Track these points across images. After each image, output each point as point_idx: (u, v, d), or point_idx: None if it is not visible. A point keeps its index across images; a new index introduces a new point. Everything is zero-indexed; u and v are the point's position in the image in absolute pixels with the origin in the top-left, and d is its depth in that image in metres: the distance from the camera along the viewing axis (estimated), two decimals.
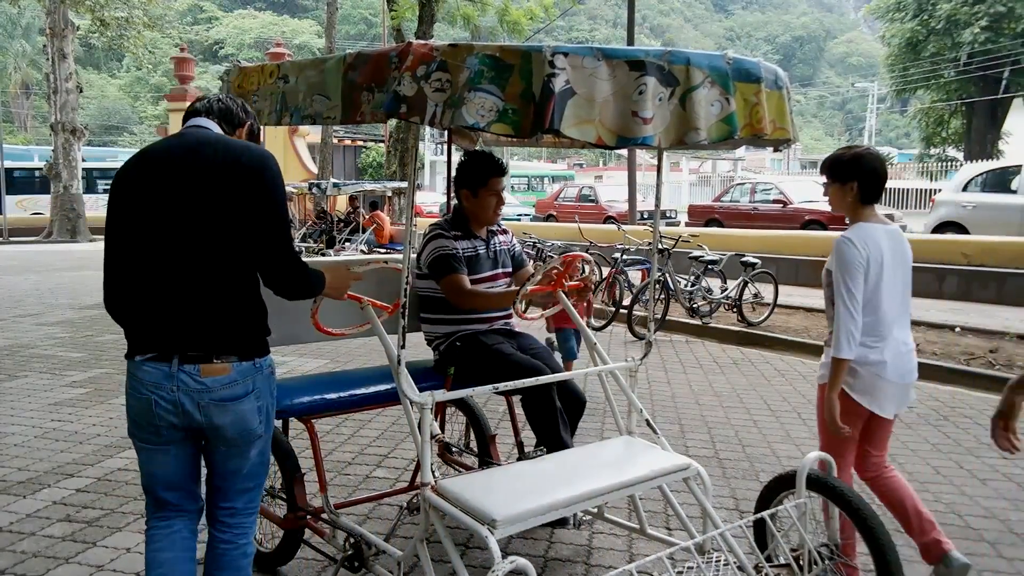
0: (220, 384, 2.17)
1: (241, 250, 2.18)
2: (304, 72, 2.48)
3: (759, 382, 6.57)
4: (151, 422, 2.20)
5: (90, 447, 4.69)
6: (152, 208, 2.15)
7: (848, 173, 2.84)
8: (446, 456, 3.85)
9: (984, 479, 4.29)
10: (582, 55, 2.02)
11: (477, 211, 3.45)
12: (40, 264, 16.83)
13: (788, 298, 9.68)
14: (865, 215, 2.88)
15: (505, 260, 3.57)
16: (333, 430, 5.02)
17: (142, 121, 59.69)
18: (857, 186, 2.83)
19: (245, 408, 2.22)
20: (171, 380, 2.16)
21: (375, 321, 2.77)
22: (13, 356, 7.33)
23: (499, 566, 2.00)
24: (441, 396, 2.60)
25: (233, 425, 2.21)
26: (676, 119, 2.16)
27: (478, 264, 3.44)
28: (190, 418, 2.18)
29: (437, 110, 2.04)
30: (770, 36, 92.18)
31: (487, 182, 3.39)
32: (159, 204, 2.16)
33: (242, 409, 2.21)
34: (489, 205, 3.43)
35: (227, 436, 2.23)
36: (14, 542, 3.40)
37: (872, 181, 2.82)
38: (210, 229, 2.15)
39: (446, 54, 2.04)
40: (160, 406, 2.17)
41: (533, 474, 2.65)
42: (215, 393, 2.17)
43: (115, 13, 26.18)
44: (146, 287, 2.18)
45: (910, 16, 30.70)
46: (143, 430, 2.24)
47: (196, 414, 2.17)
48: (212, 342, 2.17)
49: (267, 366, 2.28)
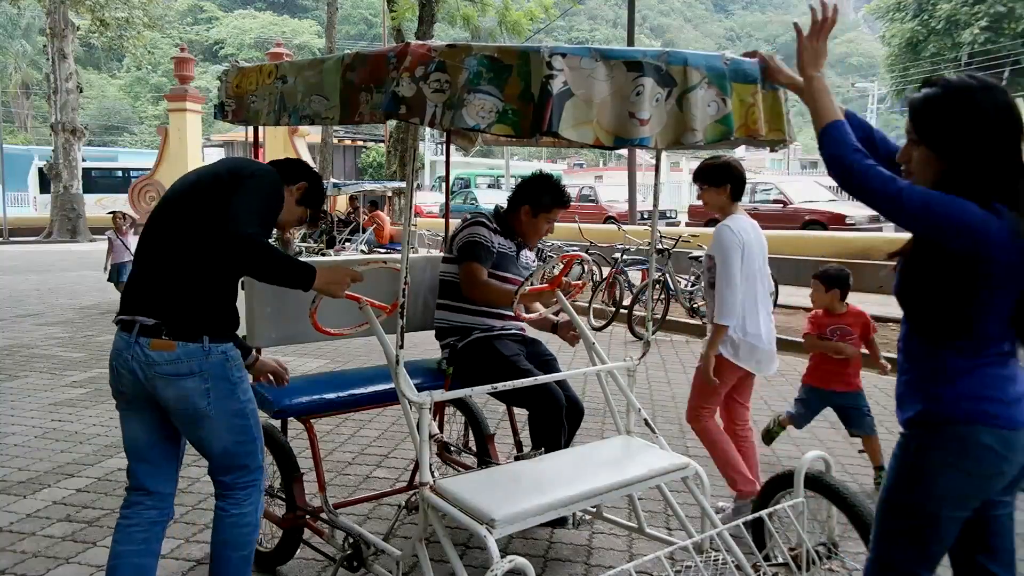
0: (164, 359, 2.34)
1: (207, 237, 2.34)
2: (302, 72, 2.49)
3: (759, 382, 6.51)
4: (116, 386, 2.46)
5: (90, 447, 4.70)
6: (160, 202, 2.49)
7: (722, 178, 3.48)
8: (445, 456, 3.85)
9: None
10: (580, 56, 2.02)
11: (527, 229, 3.52)
12: (40, 264, 16.85)
13: (788, 298, 9.68)
14: (735, 210, 3.54)
15: (528, 269, 3.62)
16: (333, 430, 5.03)
17: (142, 121, 59.69)
18: (730, 188, 3.50)
19: (188, 386, 2.36)
20: (129, 348, 2.37)
21: (373, 321, 2.77)
22: (13, 356, 7.34)
23: (498, 565, 2.01)
24: (439, 396, 2.60)
25: (177, 400, 2.37)
26: (673, 120, 2.16)
27: (508, 263, 3.49)
28: (140, 386, 2.39)
29: (437, 111, 2.04)
30: (770, 36, 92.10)
31: (551, 210, 3.47)
32: (165, 198, 2.51)
33: (184, 386, 2.36)
34: (541, 229, 3.53)
35: (173, 409, 2.41)
36: (14, 542, 3.40)
37: (740, 183, 3.52)
38: (184, 214, 2.40)
39: (444, 55, 2.04)
40: (120, 371, 2.41)
41: (531, 474, 2.66)
42: (159, 367, 2.34)
43: (115, 13, 26.22)
44: (135, 266, 2.50)
45: (910, 16, 30.72)
46: (114, 394, 2.49)
47: (145, 384, 2.37)
48: (165, 319, 2.35)
49: (219, 352, 2.40)
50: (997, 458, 1.80)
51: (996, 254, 1.72)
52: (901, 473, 1.90)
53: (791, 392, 6.17)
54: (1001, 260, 1.73)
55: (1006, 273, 1.75)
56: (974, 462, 1.80)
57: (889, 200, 1.78)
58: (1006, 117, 1.76)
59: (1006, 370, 1.82)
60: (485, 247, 3.38)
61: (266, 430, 3.08)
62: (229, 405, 2.44)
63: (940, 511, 1.84)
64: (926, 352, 1.88)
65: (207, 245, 2.35)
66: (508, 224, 3.55)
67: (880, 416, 4.86)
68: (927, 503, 1.85)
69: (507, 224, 3.55)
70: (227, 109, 2.94)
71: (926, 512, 1.85)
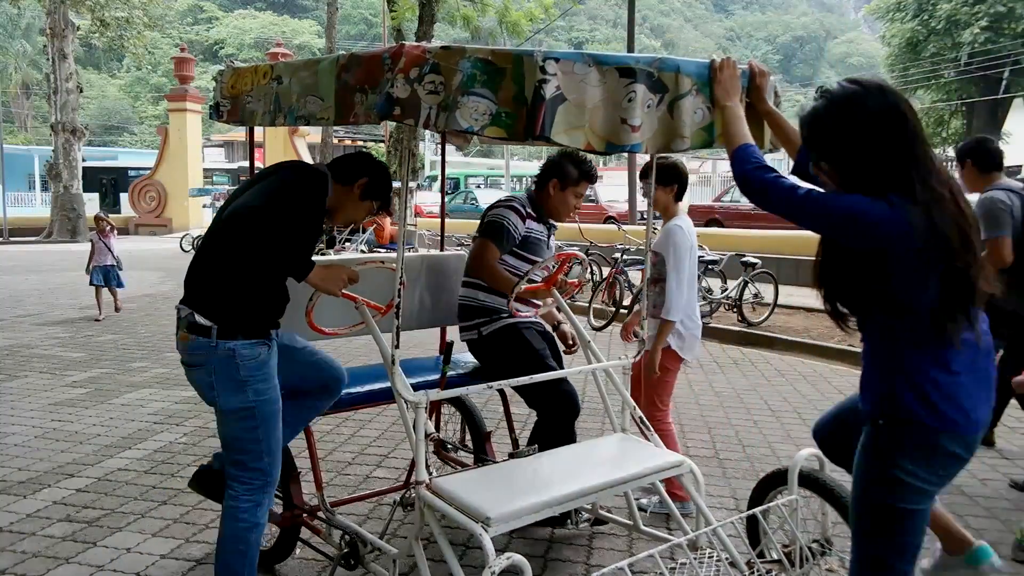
0: (184, 350, 2.56)
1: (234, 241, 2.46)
2: (298, 73, 2.50)
3: (759, 382, 6.58)
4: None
5: (90, 447, 4.71)
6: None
7: (671, 179, 3.65)
8: (443, 454, 3.87)
9: (984, 479, 4.28)
10: (573, 61, 2.03)
11: (557, 204, 3.53)
12: (40, 264, 16.87)
13: (788, 298, 9.69)
14: (680, 210, 3.75)
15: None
16: (333, 430, 5.04)
17: (142, 121, 59.71)
18: (676, 188, 3.68)
19: (198, 376, 2.57)
20: (177, 335, 2.59)
21: (369, 320, 2.79)
22: (13, 356, 7.36)
23: (495, 562, 2.02)
24: (435, 395, 2.62)
25: (194, 386, 2.62)
26: (663, 126, 2.18)
27: (539, 249, 3.51)
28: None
29: (431, 113, 2.05)
30: (770, 36, 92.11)
31: (579, 183, 3.50)
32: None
33: (196, 376, 2.57)
34: (569, 203, 3.54)
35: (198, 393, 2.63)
36: (14, 542, 3.41)
37: (684, 183, 3.73)
38: (222, 209, 2.58)
39: (439, 56, 2.05)
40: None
41: (527, 472, 2.67)
42: (183, 356, 2.59)
43: (115, 13, 26.24)
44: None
45: (910, 16, 30.68)
46: None
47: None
48: (192, 313, 2.51)
49: (227, 348, 2.48)
50: (961, 461, 1.92)
51: (896, 246, 1.81)
52: (869, 471, 1.95)
53: (791, 392, 6.20)
54: (901, 250, 1.81)
55: (915, 260, 1.81)
56: (941, 466, 1.90)
57: (793, 207, 1.93)
58: (890, 116, 1.85)
59: (959, 362, 1.88)
60: (508, 231, 3.37)
61: None
62: (233, 402, 2.50)
63: (908, 505, 1.89)
64: (882, 346, 1.94)
65: (226, 238, 2.49)
66: (539, 206, 3.56)
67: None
68: (896, 500, 1.90)
69: (538, 206, 3.56)
70: (222, 109, 2.96)
71: (896, 508, 1.90)
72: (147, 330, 8.97)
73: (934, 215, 1.80)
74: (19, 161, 34.16)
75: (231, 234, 2.45)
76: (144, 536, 3.47)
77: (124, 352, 7.65)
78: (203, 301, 2.50)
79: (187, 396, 5.89)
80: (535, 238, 3.49)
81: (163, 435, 4.97)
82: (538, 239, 3.51)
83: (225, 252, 2.50)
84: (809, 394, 6.14)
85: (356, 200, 2.72)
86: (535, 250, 3.48)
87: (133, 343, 8.14)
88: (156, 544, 3.39)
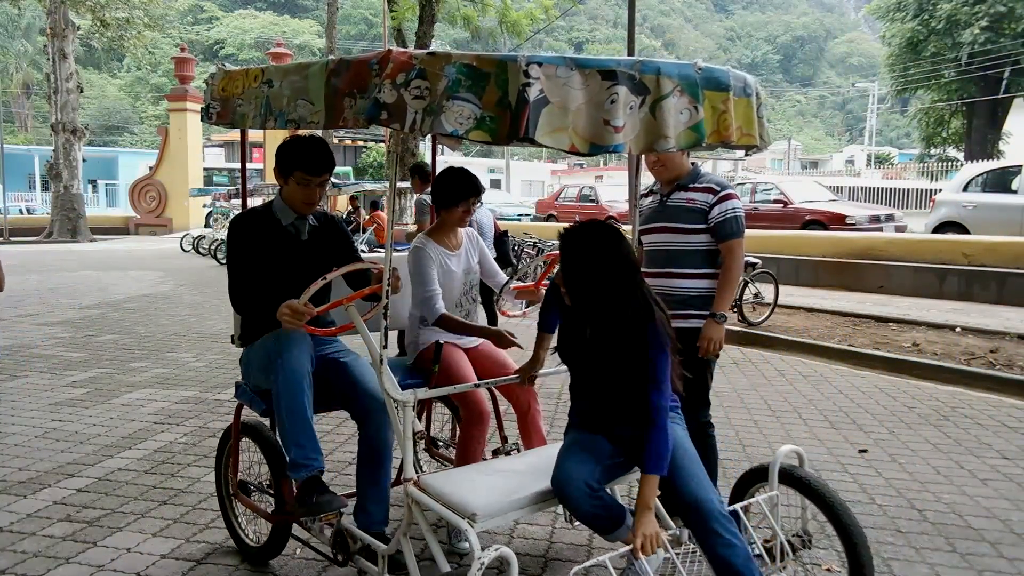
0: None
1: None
2: (288, 77, 2.53)
3: (759, 382, 6.59)
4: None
5: (90, 447, 4.74)
6: None
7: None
8: (433, 450, 3.91)
9: (984, 479, 4.28)
10: (555, 65, 2.07)
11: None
12: (40, 264, 16.92)
13: (788, 298, 9.70)
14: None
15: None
16: (333, 430, 5.07)
17: (142, 121, 59.80)
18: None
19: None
20: None
21: (358, 320, 2.82)
22: (13, 356, 7.40)
23: (483, 555, 2.07)
24: (423, 394, 2.66)
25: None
26: (646, 127, 2.21)
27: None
28: None
29: (417, 117, 2.09)
30: (770, 36, 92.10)
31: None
32: None
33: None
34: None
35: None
36: (14, 542, 3.42)
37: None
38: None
39: (425, 62, 2.09)
40: None
41: (514, 469, 2.72)
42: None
43: (116, 13, 26.28)
44: None
45: (910, 16, 30.69)
46: None
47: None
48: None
49: (245, 353, 3.17)
50: None
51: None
52: None
53: (791, 392, 6.22)
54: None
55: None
56: None
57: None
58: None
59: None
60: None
61: (255, 427, 3.14)
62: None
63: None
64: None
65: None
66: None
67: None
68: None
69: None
70: (212, 112, 2.98)
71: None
72: (147, 330, 9.01)
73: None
74: (19, 161, 34.19)
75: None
76: (144, 536, 3.48)
77: (124, 352, 7.69)
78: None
79: (187, 396, 5.93)
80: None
81: (163, 435, 4.99)
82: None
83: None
84: (809, 394, 6.15)
85: (292, 185, 3.01)
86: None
87: (133, 343, 8.19)
88: (156, 544, 3.40)
